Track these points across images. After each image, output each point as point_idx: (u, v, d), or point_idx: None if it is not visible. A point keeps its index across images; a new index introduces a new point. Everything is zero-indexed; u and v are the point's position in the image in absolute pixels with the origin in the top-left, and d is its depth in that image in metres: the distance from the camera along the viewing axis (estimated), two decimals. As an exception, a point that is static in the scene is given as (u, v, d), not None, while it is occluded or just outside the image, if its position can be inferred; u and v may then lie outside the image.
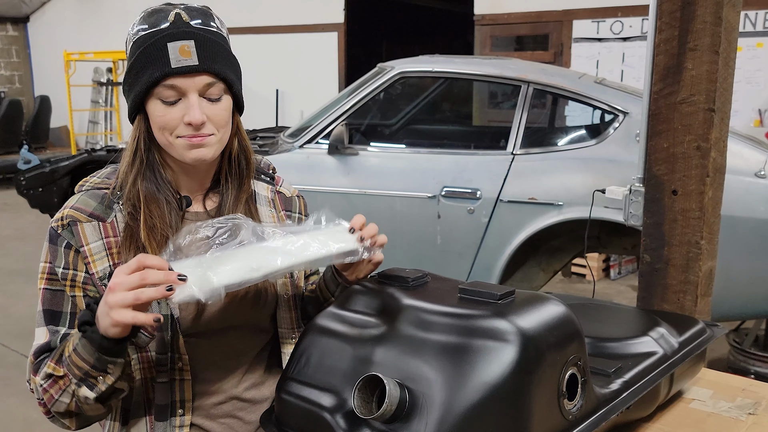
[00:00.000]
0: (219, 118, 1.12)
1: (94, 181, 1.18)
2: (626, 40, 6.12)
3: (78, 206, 1.13)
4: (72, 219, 1.12)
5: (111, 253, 1.12)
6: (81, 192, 1.16)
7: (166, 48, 1.07)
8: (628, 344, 1.24)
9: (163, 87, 1.08)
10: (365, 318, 1.06)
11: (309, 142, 3.41)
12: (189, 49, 1.07)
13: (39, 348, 1.11)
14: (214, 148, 1.14)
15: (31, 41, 11.20)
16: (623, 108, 3.01)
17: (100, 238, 1.12)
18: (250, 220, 1.06)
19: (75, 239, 1.11)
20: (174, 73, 1.07)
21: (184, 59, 1.07)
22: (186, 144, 1.11)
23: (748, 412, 1.28)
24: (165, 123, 1.10)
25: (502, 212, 3.02)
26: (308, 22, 7.98)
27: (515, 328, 0.93)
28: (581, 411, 1.00)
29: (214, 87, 1.11)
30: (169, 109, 1.09)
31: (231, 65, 1.14)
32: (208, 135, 1.11)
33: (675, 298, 1.78)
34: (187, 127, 1.09)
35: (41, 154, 9.26)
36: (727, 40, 1.70)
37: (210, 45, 1.10)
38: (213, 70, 1.09)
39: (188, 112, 1.08)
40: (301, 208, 1.36)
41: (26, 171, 4.45)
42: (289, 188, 1.36)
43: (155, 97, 1.09)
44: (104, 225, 1.13)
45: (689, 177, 1.73)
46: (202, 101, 1.10)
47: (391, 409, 0.88)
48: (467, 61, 3.56)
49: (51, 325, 1.12)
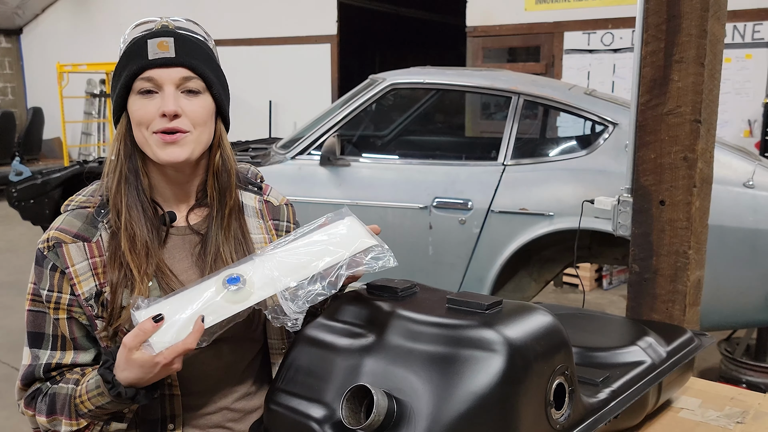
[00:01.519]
0: (195, 115, 1.12)
1: (79, 200, 1.18)
2: (617, 52, 6.17)
3: (63, 227, 1.14)
4: (57, 240, 1.12)
5: (96, 273, 1.12)
6: (66, 212, 1.17)
7: (146, 44, 1.10)
8: (617, 354, 1.25)
9: (141, 80, 1.10)
10: (354, 328, 1.06)
11: (301, 153, 3.41)
12: (167, 44, 1.10)
13: (25, 375, 1.14)
14: (190, 148, 1.12)
15: (24, 53, 11.19)
16: (613, 119, 3.03)
17: (86, 259, 1.12)
18: None
19: (60, 261, 1.11)
20: (151, 65, 1.09)
21: (162, 52, 1.09)
22: (160, 141, 1.10)
23: (737, 421, 1.29)
24: (141, 117, 1.10)
25: (493, 223, 3.03)
26: (301, 33, 8.01)
27: (502, 338, 0.94)
28: (569, 420, 1.00)
29: (191, 81, 1.11)
30: (145, 102, 1.10)
31: (211, 67, 1.15)
32: (184, 132, 1.11)
33: (664, 307, 1.79)
34: (162, 120, 1.09)
35: (34, 166, 9.22)
36: (712, 52, 1.72)
37: (189, 43, 1.12)
38: (190, 65, 1.11)
39: (163, 103, 1.09)
40: (290, 216, 1.34)
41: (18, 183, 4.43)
42: (278, 197, 1.35)
43: (134, 93, 1.11)
44: (89, 245, 1.13)
45: (676, 187, 1.75)
46: (178, 95, 1.11)
47: (379, 419, 0.89)
48: (458, 72, 3.58)
49: (34, 348, 1.14)
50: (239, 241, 1.22)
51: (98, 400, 1.04)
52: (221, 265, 1.16)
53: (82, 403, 1.06)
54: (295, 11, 8.01)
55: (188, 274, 1.17)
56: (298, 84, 8.03)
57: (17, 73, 11.33)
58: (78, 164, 4.20)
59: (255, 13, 8.19)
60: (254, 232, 1.25)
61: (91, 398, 1.05)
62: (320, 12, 7.87)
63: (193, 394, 1.18)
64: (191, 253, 1.19)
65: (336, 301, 1.17)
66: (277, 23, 8.13)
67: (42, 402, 1.11)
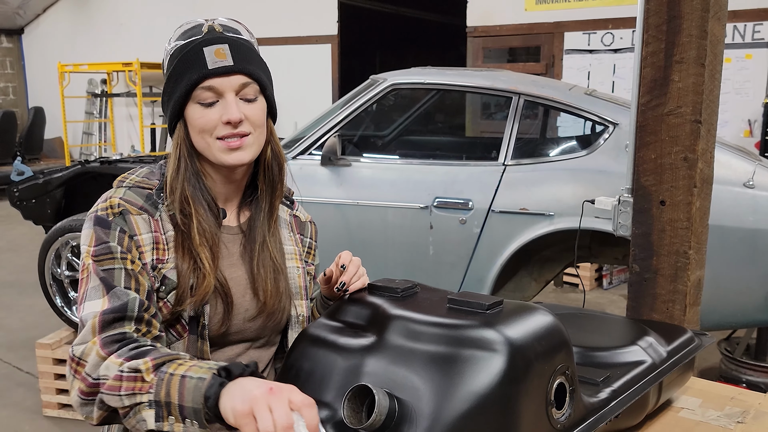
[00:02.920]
0: (255, 118, 1.16)
1: (135, 179, 1.18)
2: (617, 52, 6.17)
3: (127, 198, 1.14)
4: (124, 208, 1.12)
5: (158, 248, 1.13)
6: (123, 187, 1.16)
7: (202, 52, 1.12)
8: (617, 353, 1.25)
9: (201, 89, 1.12)
10: (355, 329, 1.07)
11: (302, 153, 3.42)
12: (224, 51, 1.12)
13: (112, 308, 1.02)
14: (252, 150, 1.17)
15: (25, 53, 11.19)
16: (613, 119, 3.03)
17: (150, 231, 1.14)
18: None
19: (128, 226, 1.12)
20: (211, 74, 1.11)
21: (220, 60, 1.12)
22: (224, 147, 1.14)
23: (737, 421, 1.29)
24: (204, 125, 1.13)
25: (493, 223, 3.03)
26: (302, 34, 8.02)
27: (503, 337, 0.94)
28: (569, 420, 1.01)
29: (249, 87, 1.15)
30: (207, 111, 1.13)
31: (264, 69, 1.19)
32: (246, 134, 1.14)
33: (664, 307, 1.80)
34: (226, 127, 1.13)
35: (35, 166, 9.24)
36: (712, 52, 1.72)
37: (243, 48, 1.16)
38: (247, 71, 1.14)
39: (226, 111, 1.12)
40: (313, 233, 1.39)
41: (19, 182, 4.43)
42: (304, 213, 1.40)
43: (194, 102, 1.13)
44: (153, 220, 1.14)
45: (677, 188, 1.75)
46: (238, 101, 1.14)
47: (381, 419, 0.89)
48: (459, 72, 3.58)
49: (114, 290, 1.05)
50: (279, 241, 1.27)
51: (193, 371, 0.90)
52: (266, 255, 1.21)
53: (173, 364, 0.93)
54: (296, 11, 8.02)
55: (232, 271, 1.20)
56: (299, 84, 8.04)
57: (18, 72, 11.33)
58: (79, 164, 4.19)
59: (255, 13, 8.20)
60: (286, 243, 1.29)
61: (193, 367, 0.91)
62: (321, 12, 7.87)
63: None
64: (237, 250, 1.22)
65: (337, 302, 1.17)
66: (277, 23, 8.13)
67: (129, 348, 0.98)
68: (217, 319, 1.16)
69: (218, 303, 1.17)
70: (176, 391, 0.90)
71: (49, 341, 3.23)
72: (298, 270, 1.29)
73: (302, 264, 1.31)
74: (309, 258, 1.37)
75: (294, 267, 1.29)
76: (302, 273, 1.30)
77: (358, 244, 3.24)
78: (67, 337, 3.32)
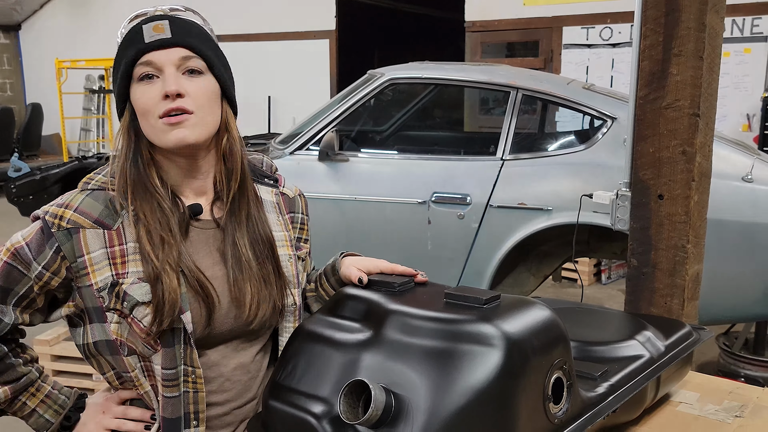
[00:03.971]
0: (199, 94, 1.09)
1: (100, 180, 1.12)
2: (615, 46, 6.16)
3: (83, 209, 1.08)
4: (74, 225, 1.07)
5: (114, 263, 1.07)
6: (85, 191, 1.11)
7: (141, 30, 1.09)
8: (615, 348, 1.25)
9: (140, 66, 1.08)
10: (352, 323, 1.06)
11: (299, 148, 3.41)
12: (162, 26, 1.09)
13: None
14: (197, 131, 1.09)
15: (22, 49, 11.17)
16: (611, 113, 3.02)
17: (103, 247, 1.07)
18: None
19: (69, 247, 1.06)
20: (148, 48, 1.08)
21: (157, 34, 1.08)
22: (165, 126, 1.07)
23: (735, 415, 1.29)
24: (145, 103, 1.08)
25: (491, 217, 3.03)
26: (300, 29, 8.00)
27: (500, 332, 0.94)
28: (567, 414, 1.01)
29: (191, 61, 1.10)
30: (147, 88, 1.08)
31: (211, 47, 1.13)
32: (189, 113, 1.08)
33: (662, 301, 1.79)
34: (165, 102, 1.07)
35: (33, 162, 9.22)
36: (711, 45, 1.72)
37: (185, 24, 1.11)
38: (187, 44, 1.10)
39: (164, 85, 1.07)
40: (303, 207, 1.33)
41: (17, 179, 4.43)
42: (292, 187, 1.34)
43: (135, 81, 1.09)
44: (109, 233, 1.08)
45: (675, 181, 1.75)
46: (179, 76, 1.09)
47: (377, 414, 0.89)
48: (456, 67, 3.58)
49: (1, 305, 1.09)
50: (258, 233, 1.18)
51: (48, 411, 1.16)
52: (241, 257, 1.14)
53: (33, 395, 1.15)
54: (294, 7, 8.00)
55: (214, 270, 1.14)
56: (297, 79, 8.03)
57: (16, 69, 11.31)
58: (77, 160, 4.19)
59: (254, 9, 8.18)
60: (275, 229, 1.23)
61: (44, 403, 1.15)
62: (319, 7, 7.85)
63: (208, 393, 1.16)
64: (217, 248, 1.16)
65: (333, 296, 1.17)
66: (275, 19, 8.12)
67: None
68: (202, 322, 1.11)
69: (200, 305, 1.11)
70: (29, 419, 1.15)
71: (47, 338, 3.23)
72: (290, 258, 1.23)
73: (293, 250, 1.25)
74: (303, 234, 1.31)
75: (285, 255, 1.22)
76: (294, 260, 1.23)
77: (356, 239, 3.24)
78: (65, 333, 3.31)
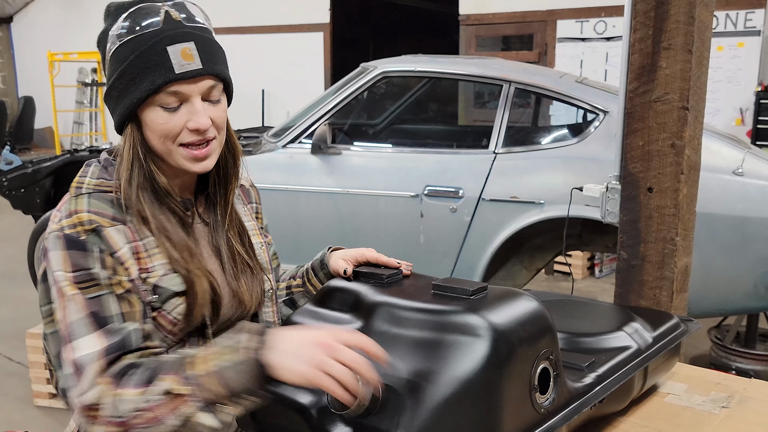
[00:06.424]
0: (220, 120, 1.09)
1: (92, 183, 1.07)
2: (610, 40, 6.17)
3: (95, 210, 1.03)
4: (97, 225, 1.01)
5: (139, 258, 1.04)
6: (84, 195, 1.05)
7: (167, 52, 1.01)
8: (602, 339, 1.26)
9: (165, 93, 1.02)
10: (340, 314, 1.07)
11: (292, 141, 3.40)
12: (191, 52, 1.02)
13: (111, 347, 0.96)
14: (217, 153, 1.10)
15: (14, 41, 11.11)
16: (603, 107, 3.03)
17: (127, 242, 1.03)
18: None
19: (105, 244, 1.01)
20: (178, 78, 1.02)
21: (188, 63, 1.02)
22: (189, 156, 1.06)
23: (722, 406, 1.30)
24: (168, 131, 1.04)
25: (484, 211, 3.03)
26: (294, 22, 7.98)
27: (487, 323, 0.94)
28: (554, 404, 1.01)
29: (215, 89, 1.07)
30: (171, 116, 1.04)
31: (225, 63, 1.10)
32: (211, 139, 1.07)
33: (651, 294, 1.80)
34: (192, 134, 1.05)
35: (25, 155, 9.19)
36: (700, 39, 1.72)
37: (209, 45, 1.06)
38: (215, 72, 1.05)
39: (193, 118, 1.04)
40: (257, 197, 1.34)
41: (8, 172, 4.42)
42: (247, 179, 1.34)
43: (155, 105, 1.03)
44: (126, 228, 1.04)
45: (664, 174, 1.76)
46: (205, 105, 1.06)
47: (364, 404, 0.89)
48: (450, 60, 3.57)
49: (108, 326, 0.98)
50: (240, 225, 1.21)
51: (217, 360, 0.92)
52: (234, 249, 1.17)
53: (193, 365, 0.92)
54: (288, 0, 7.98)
55: (210, 262, 1.14)
56: (291, 72, 8.01)
57: (8, 61, 11.25)
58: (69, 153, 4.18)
59: (247, 2, 8.15)
60: (245, 219, 1.25)
61: (216, 355, 0.92)
62: (313, 0, 7.83)
63: None
64: (208, 242, 1.17)
65: (322, 288, 1.17)
66: (269, 11, 8.09)
67: (139, 374, 0.94)
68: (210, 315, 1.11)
69: None
70: (221, 386, 0.91)
71: (40, 331, 3.22)
72: (262, 245, 1.25)
73: (263, 237, 1.27)
74: (260, 222, 1.32)
75: (258, 243, 1.24)
76: (266, 247, 1.26)
77: (349, 232, 3.24)
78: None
